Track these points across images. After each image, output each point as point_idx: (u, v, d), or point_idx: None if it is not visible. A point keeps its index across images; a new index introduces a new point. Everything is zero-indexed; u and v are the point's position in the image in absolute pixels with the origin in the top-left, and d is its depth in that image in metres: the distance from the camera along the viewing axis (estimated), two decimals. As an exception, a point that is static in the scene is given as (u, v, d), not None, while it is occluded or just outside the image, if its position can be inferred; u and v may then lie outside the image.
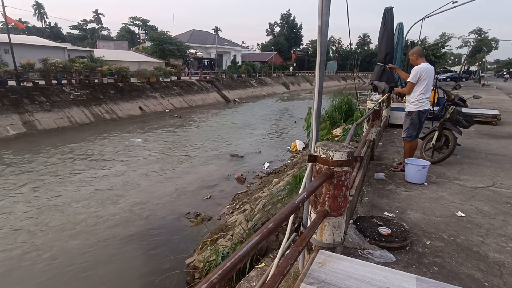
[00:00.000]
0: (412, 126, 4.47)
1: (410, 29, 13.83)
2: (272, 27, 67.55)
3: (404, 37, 9.35)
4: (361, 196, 3.66)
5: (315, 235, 1.88)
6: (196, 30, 46.93)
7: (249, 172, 8.32)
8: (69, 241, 5.01)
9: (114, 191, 6.93)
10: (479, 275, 2.27)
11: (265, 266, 2.40)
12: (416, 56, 4.31)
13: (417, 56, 4.30)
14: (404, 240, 2.62)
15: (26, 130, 12.25)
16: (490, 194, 3.74)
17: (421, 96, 4.30)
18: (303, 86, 43.30)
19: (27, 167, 8.56)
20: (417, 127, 4.49)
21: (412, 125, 4.47)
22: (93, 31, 66.93)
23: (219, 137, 12.61)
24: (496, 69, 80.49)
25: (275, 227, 1.19)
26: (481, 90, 20.57)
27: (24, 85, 14.15)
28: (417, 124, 4.46)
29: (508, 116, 9.80)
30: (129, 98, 18.15)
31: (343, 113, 8.92)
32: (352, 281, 1.39)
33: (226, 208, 6.09)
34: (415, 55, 4.32)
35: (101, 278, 4.20)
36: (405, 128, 4.56)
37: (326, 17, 1.67)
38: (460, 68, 37.50)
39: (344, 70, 67.37)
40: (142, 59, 30.62)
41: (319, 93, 1.78)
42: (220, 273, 0.87)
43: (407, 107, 4.53)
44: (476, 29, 50.57)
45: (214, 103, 24.03)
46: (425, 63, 4.27)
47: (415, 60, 4.33)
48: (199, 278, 3.58)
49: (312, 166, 1.84)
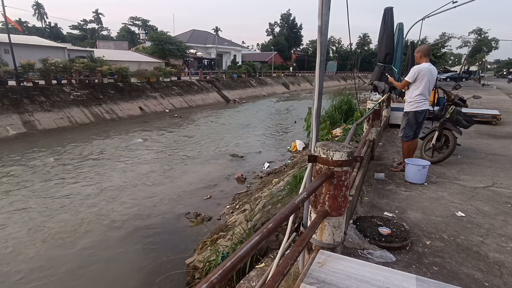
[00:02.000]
0: (409, 126, 4.45)
1: (410, 29, 13.84)
2: (272, 27, 67.60)
3: (404, 37, 9.34)
4: (361, 196, 3.66)
5: (315, 235, 1.88)
6: (196, 30, 46.92)
7: (249, 172, 8.32)
8: (69, 241, 5.01)
9: (114, 191, 6.93)
10: (479, 275, 2.27)
11: (265, 266, 2.40)
12: (420, 55, 4.27)
13: (421, 54, 4.26)
14: (404, 240, 2.62)
15: (26, 130, 12.25)
16: (490, 194, 3.74)
17: (419, 97, 4.27)
18: (303, 86, 43.30)
19: (26, 167, 8.56)
20: (413, 127, 4.47)
21: (408, 125, 4.46)
22: (93, 31, 66.92)
23: (219, 137, 12.61)
24: (496, 69, 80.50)
25: (275, 227, 1.19)
26: (481, 90, 20.57)
27: (24, 85, 14.15)
28: (413, 124, 4.44)
29: (508, 116, 9.79)
30: (129, 98, 18.15)
31: (343, 113, 8.92)
32: (352, 281, 1.39)
33: (226, 208, 6.09)
34: (419, 53, 4.28)
35: (101, 278, 4.20)
36: (402, 128, 4.57)
37: (326, 17, 1.67)
38: (460, 68, 37.50)
39: (344, 70, 67.37)
40: (142, 59, 30.60)
41: (319, 93, 1.78)
42: (220, 273, 0.87)
43: (405, 106, 4.53)
44: (476, 29, 50.67)
45: (214, 103, 24.03)
46: (427, 63, 4.23)
47: (418, 58, 4.30)
48: (199, 278, 3.58)
49: (312, 166, 1.84)
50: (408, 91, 4.42)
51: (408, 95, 4.41)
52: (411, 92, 4.35)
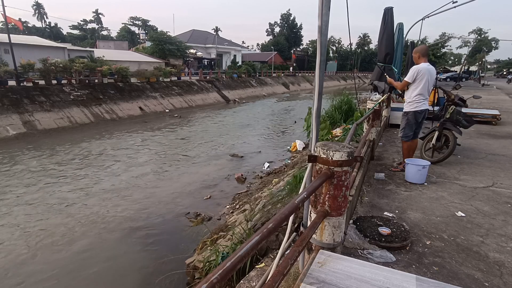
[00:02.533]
0: (408, 126, 4.46)
1: (410, 29, 13.85)
2: (272, 27, 67.60)
3: (404, 37, 9.35)
4: (361, 196, 3.66)
5: (315, 235, 1.88)
6: (196, 30, 46.92)
7: (249, 172, 8.32)
8: (69, 241, 5.01)
9: (113, 191, 6.93)
10: (479, 275, 2.27)
11: (265, 266, 2.40)
12: (418, 55, 4.28)
13: (420, 55, 4.26)
14: (404, 240, 2.62)
15: (26, 130, 12.25)
16: (490, 194, 3.74)
17: (418, 97, 4.28)
18: (303, 86, 43.30)
19: (26, 167, 8.56)
20: (413, 127, 4.48)
21: (408, 125, 4.46)
22: (93, 31, 66.91)
23: (219, 137, 12.61)
24: (496, 69, 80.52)
25: (275, 227, 1.19)
26: (481, 90, 20.57)
27: (24, 85, 14.15)
28: (413, 124, 4.45)
29: (508, 116, 9.79)
30: (129, 98, 18.15)
31: (343, 113, 8.92)
32: (352, 281, 1.39)
33: (226, 208, 6.09)
34: (418, 53, 4.28)
35: (101, 278, 4.20)
36: (402, 128, 4.57)
37: (326, 17, 1.67)
38: (460, 68, 37.52)
39: (344, 70, 67.37)
40: (142, 59, 30.60)
41: (319, 93, 1.78)
42: (220, 273, 0.87)
43: (404, 107, 4.53)
44: (476, 29, 50.67)
45: (214, 103, 24.03)
46: (426, 63, 4.24)
47: (417, 58, 4.30)
48: (199, 278, 3.58)
49: (312, 166, 1.84)
50: (408, 91, 4.43)
51: (408, 95, 4.42)
52: (410, 92, 4.36)
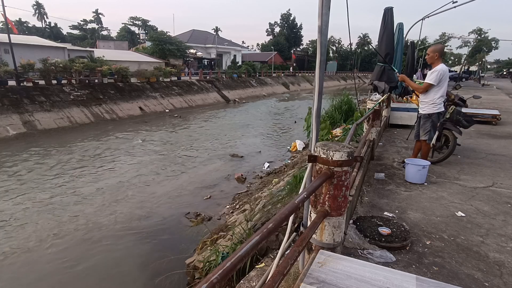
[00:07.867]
0: (434, 128, 4.49)
1: (410, 29, 13.86)
2: (272, 27, 67.63)
3: (404, 37, 9.35)
4: (361, 196, 3.66)
5: (315, 235, 1.88)
6: (196, 30, 46.93)
7: (249, 172, 8.32)
8: (68, 241, 5.01)
9: (113, 191, 6.93)
10: (479, 275, 2.27)
11: (265, 266, 2.40)
12: (437, 55, 4.10)
13: (439, 55, 4.10)
14: (404, 240, 2.62)
15: (26, 130, 12.25)
16: (490, 194, 3.74)
17: (441, 99, 4.29)
18: (303, 86, 43.29)
19: (25, 167, 8.56)
20: (436, 129, 4.54)
21: (433, 127, 4.47)
22: (93, 31, 66.87)
23: (219, 137, 12.61)
24: (496, 69, 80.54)
25: (275, 227, 1.19)
26: (481, 90, 20.59)
27: (24, 85, 14.15)
28: (436, 126, 4.50)
29: (508, 116, 9.79)
30: (129, 98, 18.15)
31: (343, 113, 8.91)
32: (352, 281, 1.39)
33: (226, 208, 6.09)
34: (437, 53, 4.09)
35: (100, 278, 4.20)
36: (427, 130, 4.46)
37: (326, 17, 1.67)
38: (460, 68, 37.53)
39: (344, 70, 67.36)
40: (142, 59, 30.61)
41: (319, 93, 1.78)
42: (220, 273, 0.87)
43: (425, 109, 4.41)
44: (476, 29, 50.59)
45: (214, 103, 24.03)
46: (443, 64, 4.18)
47: (435, 58, 4.12)
48: (199, 278, 3.58)
49: (312, 166, 1.84)
50: (429, 93, 4.31)
51: (430, 98, 4.31)
52: (433, 95, 4.27)
